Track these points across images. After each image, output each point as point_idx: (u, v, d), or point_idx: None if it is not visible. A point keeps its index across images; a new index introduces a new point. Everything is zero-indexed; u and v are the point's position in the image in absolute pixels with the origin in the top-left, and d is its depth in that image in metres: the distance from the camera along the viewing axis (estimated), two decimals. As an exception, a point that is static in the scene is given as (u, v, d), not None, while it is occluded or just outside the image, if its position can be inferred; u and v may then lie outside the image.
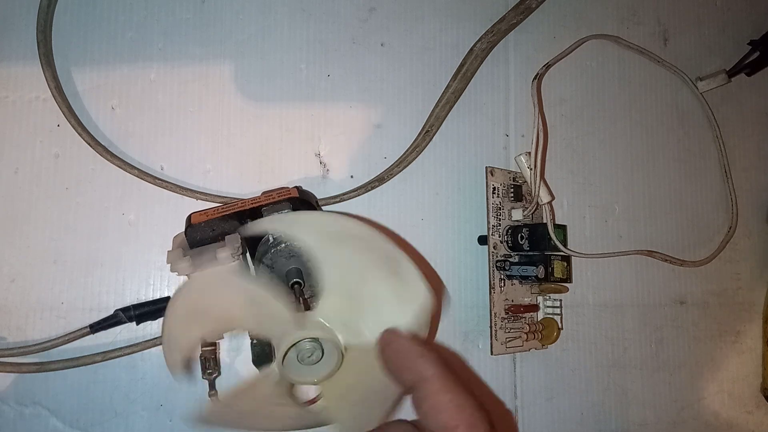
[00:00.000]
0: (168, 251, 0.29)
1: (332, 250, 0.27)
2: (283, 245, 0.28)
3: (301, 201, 0.29)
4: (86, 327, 0.30)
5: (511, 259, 0.37)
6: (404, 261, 0.27)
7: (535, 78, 0.37)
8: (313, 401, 0.30)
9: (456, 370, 0.24)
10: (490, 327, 0.35)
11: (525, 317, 0.37)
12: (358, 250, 0.27)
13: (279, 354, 0.27)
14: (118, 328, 0.31)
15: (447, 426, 0.22)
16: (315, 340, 0.27)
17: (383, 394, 0.27)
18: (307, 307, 0.28)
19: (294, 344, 0.27)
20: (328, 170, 0.36)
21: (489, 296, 0.36)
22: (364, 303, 0.27)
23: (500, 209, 0.37)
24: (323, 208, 0.34)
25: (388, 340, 0.26)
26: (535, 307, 0.37)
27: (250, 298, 0.26)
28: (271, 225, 0.28)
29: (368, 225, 0.26)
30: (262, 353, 0.30)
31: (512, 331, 0.36)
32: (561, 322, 0.38)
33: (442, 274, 0.37)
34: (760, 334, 0.45)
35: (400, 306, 0.27)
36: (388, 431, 0.24)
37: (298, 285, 0.28)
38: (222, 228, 0.28)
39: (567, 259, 0.36)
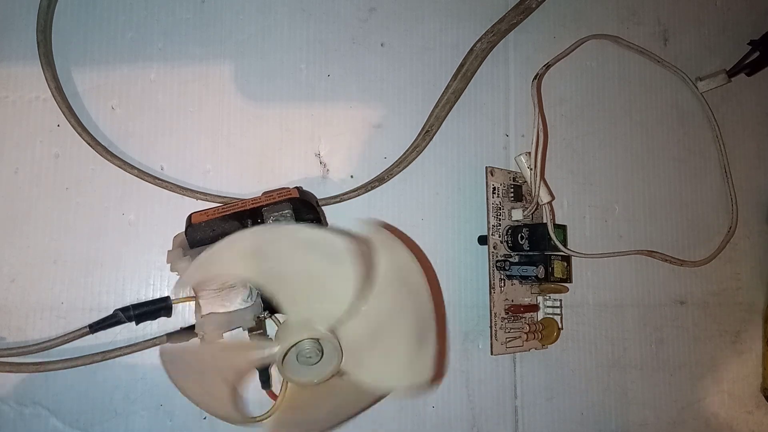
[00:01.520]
0: (168, 251, 0.29)
1: (392, 287, 0.27)
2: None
3: (302, 201, 0.29)
4: (86, 327, 0.30)
5: (511, 259, 0.37)
6: (431, 334, 0.28)
7: (535, 78, 0.37)
8: (274, 396, 0.30)
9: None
10: (490, 327, 0.35)
11: (525, 317, 0.37)
12: (407, 298, 0.28)
13: (283, 347, 0.27)
14: (117, 328, 0.31)
15: None
16: (316, 341, 0.27)
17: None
18: None
19: (294, 344, 0.27)
20: (328, 170, 0.36)
21: (489, 296, 0.36)
22: (379, 345, 0.28)
23: (500, 209, 0.37)
24: (323, 208, 0.34)
25: None
26: (535, 307, 0.37)
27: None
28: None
29: (425, 281, 0.27)
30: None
31: (512, 331, 0.36)
32: (561, 322, 0.38)
33: (441, 274, 0.37)
34: (760, 334, 0.44)
35: (406, 370, 0.28)
36: None
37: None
38: (222, 228, 0.28)
39: (567, 259, 0.36)
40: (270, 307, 0.28)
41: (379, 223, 0.29)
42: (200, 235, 0.28)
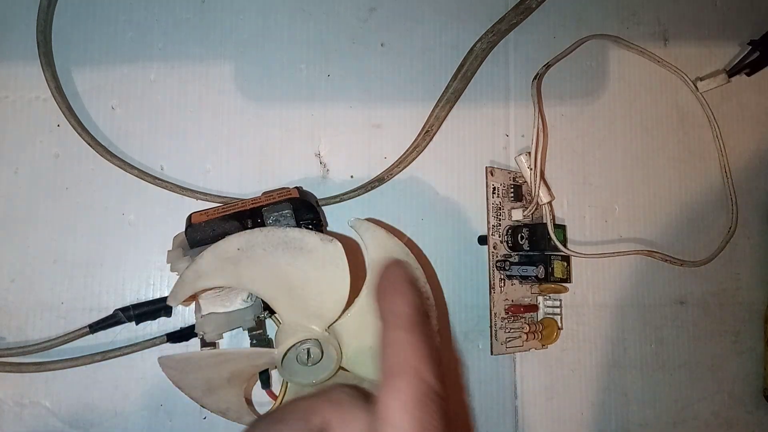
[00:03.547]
0: (168, 251, 0.29)
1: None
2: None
3: (302, 201, 0.29)
4: (86, 327, 0.30)
5: (511, 259, 0.37)
6: (433, 324, 0.28)
7: (535, 78, 0.37)
8: (274, 396, 0.30)
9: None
10: (490, 327, 0.35)
11: (525, 317, 0.37)
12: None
13: (281, 350, 0.27)
14: (117, 328, 0.31)
15: (391, 371, 0.19)
16: (315, 341, 0.27)
17: None
18: None
19: (294, 344, 0.27)
20: (328, 170, 0.36)
21: (489, 296, 0.36)
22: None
23: (500, 209, 0.37)
24: (323, 208, 0.34)
25: (391, 265, 0.24)
26: (535, 307, 0.37)
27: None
28: (358, 227, 0.28)
29: (422, 271, 0.28)
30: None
31: (512, 331, 0.36)
32: (561, 322, 0.38)
33: (442, 274, 0.37)
34: (760, 334, 0.44)
35: None
36: (330, 392, 0.22)
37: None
38: (222, 228, 0.28)
39: (567, 259, 0.36)
40: (270, 307, 0.28)
41: (370, 219, 0.28)
42: (200, 235, 0.28)
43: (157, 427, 0.31)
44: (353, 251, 0.32)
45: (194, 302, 0.29)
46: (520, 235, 0.36)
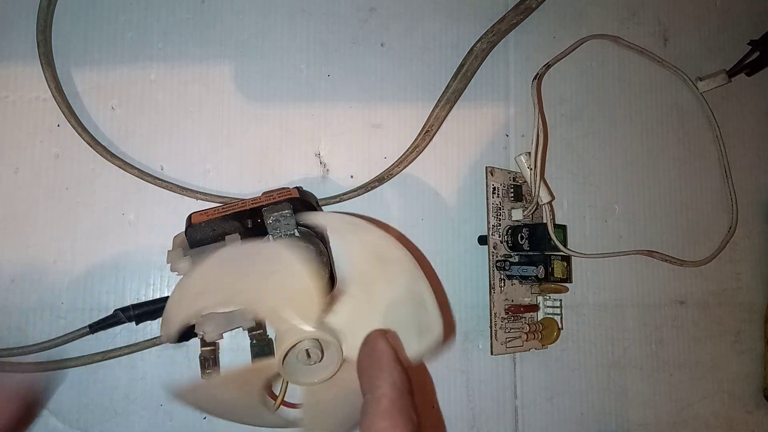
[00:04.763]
0: (168, 251, 0.29)
1: (368, 263, 0.27)
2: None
3: (302, 201, 0.29)
4: (86, 327, 0.30)
5: (511, 259, 0.37)
6: (427, 292, 0.27)
7: (535, 78, 0.37)
8: (293, 405, 0.30)
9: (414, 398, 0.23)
10: (490, 327, 0.35)
11: (525, 317, 0.37)
12: (388, 268, 0.27)
13: (279, 353, 0.27)
14: (117, 328, 0.31)
15: None
16: (316, 341, 0.27)
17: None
18: None
19: (295, 344, 0.27)
20: (328, 170, 0.36)
21: (489, 296, 0.36)
22: (376, 323, 0.28)
23: (500, 209, 0.37)
24: (323, 208, 0.34)
25: (372, 339, 0.25)
26: (535, 307, 0.37)
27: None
28: (325, 222, 0.28)
29: (405, 252, 0.27)
30: (262, 354, 0.30)
31: (512, 331, 0.36)
32: (561, 322, 0.38)
33: (442, 274, 0.37)
34: (760, 334, 0.44)
35: (413, 336, 0.28)
36: None
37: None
38: (222, 228, 0.28)
39: (567, 259, 0.36)
40: None
41: (353, 214, 0.28)
42: (200, 235, 0.28)
43: (157, 427, 0.31)
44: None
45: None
46: (520, 235, 0.36)
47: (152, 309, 0.30)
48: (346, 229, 0.27)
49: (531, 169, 0.36)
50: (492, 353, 0.35)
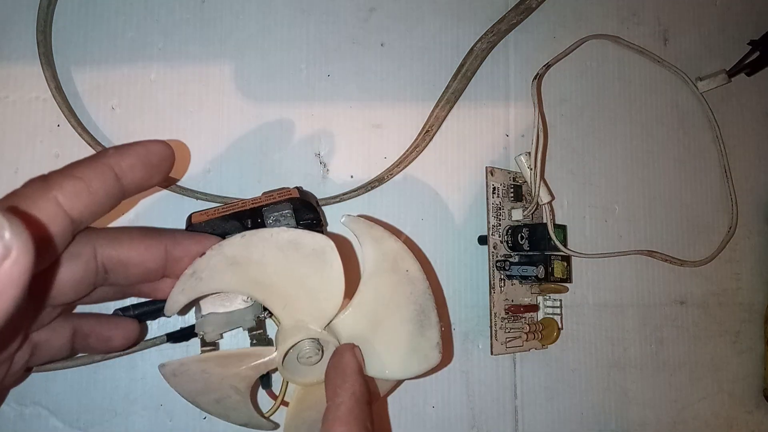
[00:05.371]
0: (168, 251, 0.29)
1: (382, 275, 0.27)
2: None
3: (302, 201, 0.29)
4: (86, 327, 0.30)
5: (511, 259, 0.37)
6: (433, 316, 0.28)
7: (535, 78, 0.37)
8: (283, 402, 0.30)
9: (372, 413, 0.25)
10: (490, 327, 0.35)
11: (525, 317, 0.37)
12: (401, 283, 0.27)
13: (280, 352, 0.27)
14: (118, 328, 0.31)
15: None
16: (315, 341, 0.27)
17: None
18: None
19: (295, 344, 0.27)
20: (328, 170, 0.36)
21: (489, 296, 0.36)
22: (380, 335, 0.28)
23: (500, 209, 0.37)
24: (323, 208, 0.34)
25: (341, 351, 0.27)
26: (535, 307, 0.37)
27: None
28: (351, 224, 0.28)
29: (419, 267, 0.28)
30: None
31: (512, 331, 0.36)
32: (561, 322, 0.38)
33: (441, 274, 0.37)
34: (760, 334, 0.45)
35: (411, 355, 0.28)
36: None
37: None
38: (222, 228, 0.28)
39: (567, 259, 0.36)
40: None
41: (365, 216, 0.28)
42: (200, 235, 0.28)
43: (157, 427, 0.31)
44: (348, 250, 0.32)
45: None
46: (520, 235, 0.36)
47: (152, 309, 0.30)
48: (366, 239, 0.27)
49: (531, 169, 0.36)
50: (492, 353, 0.35)
